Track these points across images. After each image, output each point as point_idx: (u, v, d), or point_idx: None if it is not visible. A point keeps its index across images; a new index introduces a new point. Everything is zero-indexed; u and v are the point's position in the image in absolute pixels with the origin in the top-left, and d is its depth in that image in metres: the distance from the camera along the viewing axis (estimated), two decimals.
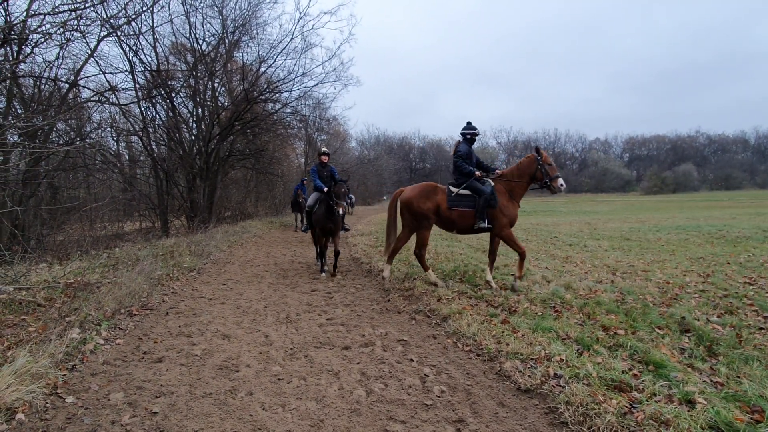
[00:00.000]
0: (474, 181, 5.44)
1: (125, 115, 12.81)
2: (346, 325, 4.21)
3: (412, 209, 5.56)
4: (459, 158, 5.51)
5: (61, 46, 8.47)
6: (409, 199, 5.60)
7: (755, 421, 2.26)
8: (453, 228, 5.62)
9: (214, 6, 13.90)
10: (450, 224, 5.59)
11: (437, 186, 5.70)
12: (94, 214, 10.71)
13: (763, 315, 4.12)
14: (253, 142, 16.86)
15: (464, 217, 5.45)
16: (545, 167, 5.37)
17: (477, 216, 5.36)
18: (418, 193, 5.60)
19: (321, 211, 6.63)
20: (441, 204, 5.51)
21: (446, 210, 5.48)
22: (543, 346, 3.35)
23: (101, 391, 2.84)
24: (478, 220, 5.35)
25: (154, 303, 5.03)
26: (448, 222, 5.56)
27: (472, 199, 5.43)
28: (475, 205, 5.38)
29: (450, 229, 5.67)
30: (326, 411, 2.57)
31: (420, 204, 5.52)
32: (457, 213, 5.46)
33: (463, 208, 5.44)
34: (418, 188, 5.70)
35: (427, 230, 5.66)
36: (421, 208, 5.51)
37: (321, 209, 6.64)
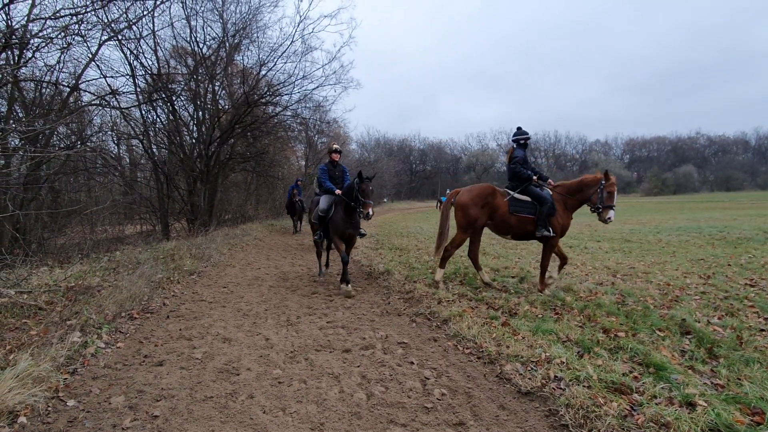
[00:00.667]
0: (535, 188, 5.34)
1: (126, 119, 12.82)
2: (347, 328, 4.21)
3: (467, 213, 5.40)
4: (517, 164, 5.40)
5: (62, 50, 8.50)
6: (466, 203, 5.43)
7: (756, 423, 2.26)
8: (508, 233, 5.48)
9: (214, 10, 13.97)
10: (506, 229, 5.45)
11: (495, 189, 5.54)
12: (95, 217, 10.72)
13: (764, 317, 4.12)
14: (253, 145, 16.89)
15: (523, 224, 5.32)
16: (604, 193, 5.19)
17: (539, 224, 5.22)
18: (476, 197, 5.42)
19: (339, 215, 5.93)
20: (500, 208, 5.36)
21: (505, 214, 5.34)
22: (543, 348, 3.35)
23: (102, 394, 2.85)
24: (540, 228, 5.21)
25: (154, 306, 5.04)
26: (504, 227, 5.43)
27: (532, 205, 5.30)
28: (536, 213, 5.26)
29: (504, 234, 5.53)
30: (327, 414, 2.57)
31: (475, 208, 5.37)
32: (516, 219, 5.32)
33: (524, 214, 5.29)
34: (476, 191, 5.50)
35: (468, 234, 5.54)
36: (475, 213, 5.36)
37: (339, 213, 5.94)
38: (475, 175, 69.24)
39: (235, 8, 14.25)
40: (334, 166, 6.41)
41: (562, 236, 5.41)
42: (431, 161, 73.24)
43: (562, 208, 5.37)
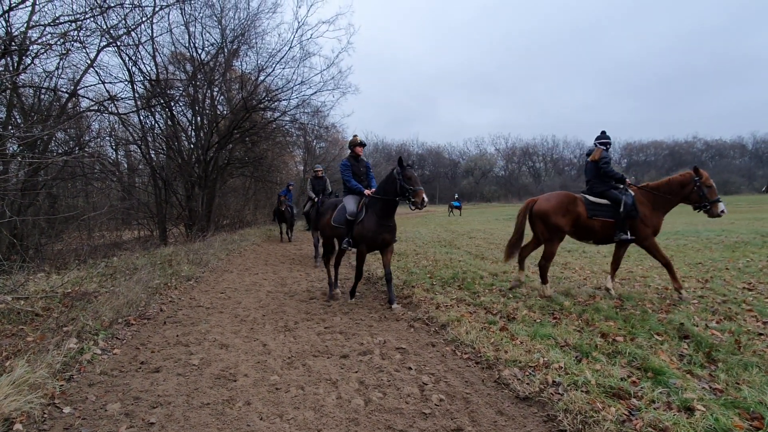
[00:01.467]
0: (613, 191, 5.19)
1: (124, 124, 12.86)
2: (345, 334, 4.20)
3: (548, 222, 5.25)
4: (607, 164, 5.25)
5: (61, 56, 8.54)
6: (546, 212, 5.27)
7: (755, 428, 2.25)
8: (591, 238, 5.35)
9: (213, 16, 14.05)
10: (588, 234, 5.31)
11: (575, 197, 5.36)
12: (93, 223, 10.70)
13: (763, 320, 4.12)
14: (251, 150, 16.91)
15: (605, 227, 5.17)
16: (703, 189, 5.00)
17: (617, 227, 5.10)
18: (556, 206, 5.26)
19: (373, 218, 5.13)
20: (581, 215, 5.21)
21: (586, 220, 5.19)
22: (541, 353, 3.34)
23: (98, 401, 2.83)
24: (618, 232, 5.09)
25: (151, 312, 5.02)
26: (586, 232, 5.29)
27: (611, 208, 5.15)
28: (615, 216, 5.10)
29: (587, 239, 5.40)
30: (324, 420, 2.56)
31: (557, 217, 5.21)
32: (598, 223, 5.16)
33: (605, 217, 5.14)
34: (555, 200, 5.32)
35: (557, 243, 5.41)
36: (558, 222, 5.20)
37: (372, 216, 5.15)
38: (473, 179, 69.36)
39: (233, 14, 14.35)
40: (357, 161, 5.71)
41: (654, 235, 5.21)
42: (429, 166, 73.39)
43: (649, 209, 5.18)
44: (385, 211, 5.14)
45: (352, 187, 5.49)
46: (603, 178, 5.32)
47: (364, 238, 5.15)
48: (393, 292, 5.22)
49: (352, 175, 5.59)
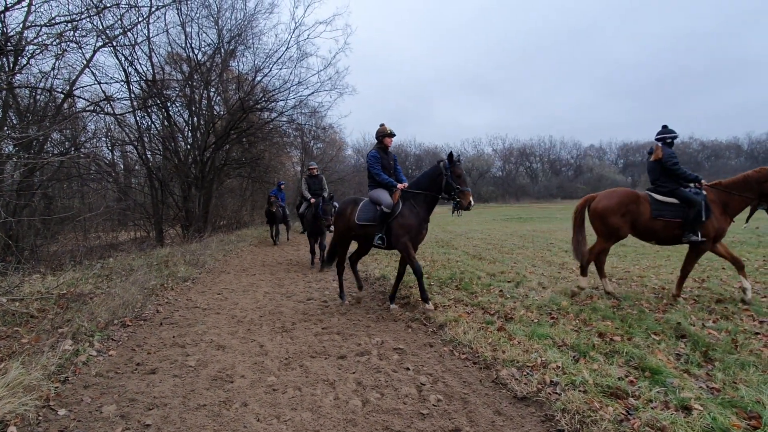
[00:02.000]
0: (683, 189, 4.87)
1: (120, 125, 12.80)
2: (342, 334, 4.18)
3: (606, 221, 5.00)
4: (676, 164, 4.85)
5: (56, 56, 8.49)
6: (604, 210, 5.01)
7: (752, 428, 2.26)
8: (652, 239, 5.07)
9: (209, 16, 14.02)
10: (650, 235, 5.03)
11: (639, 195, 5.05)
12: (88, 223, 10.63)
13: (759, 320, 4.14)
14: (248, 151, 16.88)
15: (668, 228, 4.88)
16: None
17: (686, 228, 4.78)
18: (616, 204, 4.97)
19: (412, 213, 4.79)
20: (642, 214, 4.93)
21: (648, 220, 4.91)
22: (539, 353, 3.34)
23: (94, 403, 2.81)
24: (687, 233, 4.77)
25: (147, 313, 4.99)
26: (648, 232, 5.02)
27: (679, 208, 4.83)
28: (683, 216, 4.80)
29: (648, 239, 5.13)
30: (321, 422, 2.54)
31: (616, 216, 4.95)
32: (661, 223, 4.87)
33: (669, 218, 4.84)
34: (616, 198, 5.02)
35: (613, 242, 5.18)
36: (617, 222, 4.95)
37: (410, 212, 4.79)
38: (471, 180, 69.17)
39: (230, 15, 14.33)
40: (386, 153, 5.28)
41: (717, 241, 4.92)
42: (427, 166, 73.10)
43: (720, 209, 4.87)
44: (426, 207, 4.85)
45: (383, 181, 5.02)
46: (671, 176, 4.95)
47: (409, 229, 4.76)
48: (425, 288, 4.96)
49: (381, 167, 5.13)
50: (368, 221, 5.03)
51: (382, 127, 5.26)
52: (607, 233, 5.07)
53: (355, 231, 5.24)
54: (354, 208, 5.27)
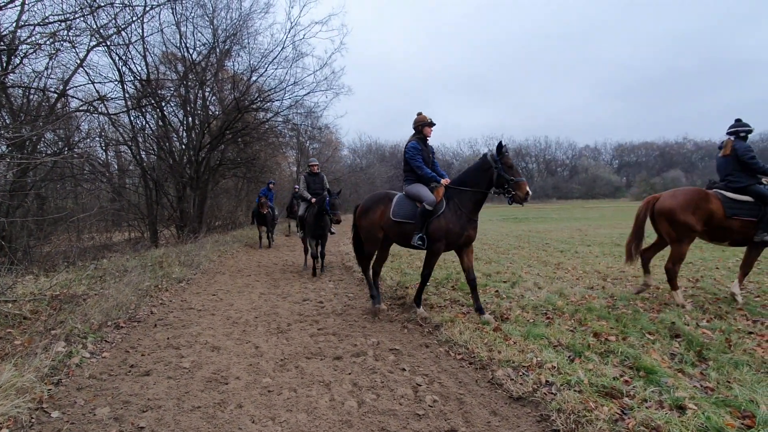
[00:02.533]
0: (758, 185, 4.59)
1: (114, 125, 12.71)
2: (338, 335, 4.17)
3: (675, 220, 4.71)
4: (753, 158, 4.57)
5: (50, 56, 8.42)
6: (672, 209, 4.72)
7: (746, 427, 2.27)
8: (726, 239, 4.77)
9: (204, 16, 13.96)
10: (724, 235, 4.72)
11: (708, 193, 4.75)
12: (82, 224, 10.54)
13: (753, 319, 4.17)
14: (244, 151, 16.81)
15: (744, 227, 4.59)
16: None
17: (761, 227, 4.50)
18: (685, 202, 4.68)
19: (457, 212, 4.45)
20: (716, 213, 4.62)
21: (723, 219, 4.60)
22: (535, 353, 3.35)
23: (87, 405, 2.78)
24: (761, 233, 4.50)
25: (142, 315, 4.96)
26: (722, 233, 4.70)
27: (754, 206, 4.54)
28: (758, 214, 4.51)
29: (721, 240, 4.82)
30: (317, 423, 2.53)
31: (686, 214, 4.64)
32: (738, 222, 4.57)
33: (745, 217, 4.54)
34: (683, 196, 4.74)
35: (687, 244, 4.82)
36: (687, 220, 4.63)
37: (453, 214, 4.44)
38: None
39: (225, 14, 14.27)
40: (425, 145, 4.87)
41: None
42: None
43: None
44: (473, 206, 4.50)
45: (425, 175, 4.63)
46: (747, 172, 4.65)
47: (448, 233, 4.41)
48: (479, 299, 4.58)
49: (423, 160, 4.72)
50: (406, 218, 4.62)
51: (421, 116, 4.81)
52: (679, 234, 4.74)
53: (388, 229, 4.80)
54: (387, 203, 4.85)
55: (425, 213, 4.43)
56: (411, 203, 4.67)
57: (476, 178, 4.51)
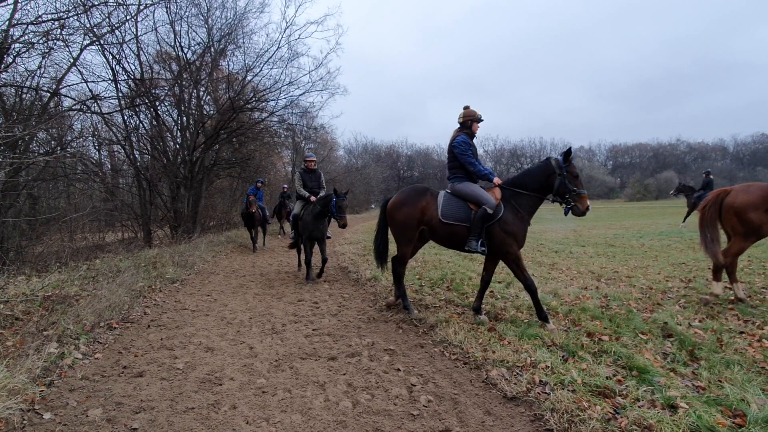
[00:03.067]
0: None
1: (107, 124, 12.62)
2: (333, 336, 4.17)
3: (744, 217, 4.52)
4: None
5: (43, 55, 8.35)
6: (744, 205, 4.48)
7: (737, 426, 2.29)
8: None
9: (199, 15, 13.87)
10: None
11: None
12: (74, 224, 10.46)
13: (744, 319, 4.21)
14: (239, 151, 16.74)
15: None
16: None
17: None
18: (759, 199, 4.44)
19: (518, 219, 4.16)
20: None
21: None
22: (529, 353, 3.36)
23: (79, 407, 2.76)
24: None
25: (135, 316, 4.92)
26: None
27: None
28: None
29: None
30: (311, 423, 2.53)
31: (758, 213, 4.46)
32: None
33: None
34: (757, 192, 4.49)
35: (751, 242, 4.63)
36: (759, 219, 4.47)
37: (515, 217, 4.15)
38: None
39: (220, 14, 14.19)
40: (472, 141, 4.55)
41: None
42: (419, 167, 73.51)
43: None
44: (530, 211, 4.22)
45: (479, 172, 4.27)
46: None
47: (517, 239, 4.13)
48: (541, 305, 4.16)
49: (473, 154, 4.37)
50: (459, 221, 4.23)
51: (470, 110, 4.45)
52: (746, 231, 4.52)
53: (432, 228, 4.38)
54: (430, 199, 4.42)
55: (486, 217, 4.07)
56: (462, 203, 4.29)
57: (536, 181, 4.20)
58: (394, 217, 4.63)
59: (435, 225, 4.37)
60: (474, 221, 4.13)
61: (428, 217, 4.41)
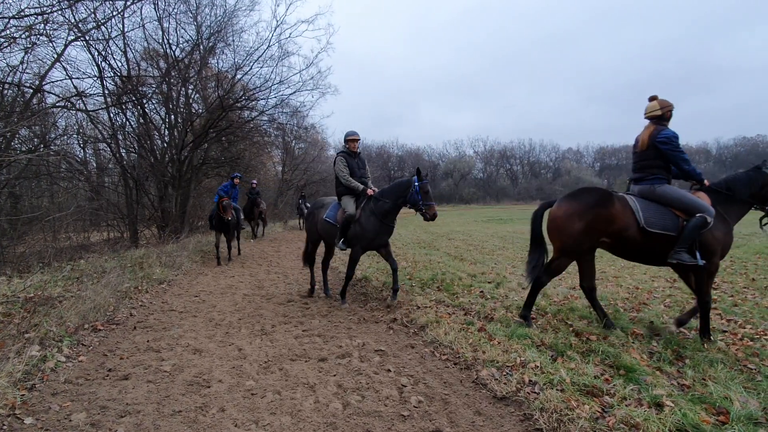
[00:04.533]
0: None
1: (93, 122, 12.36)
2: (323, 336, 4.14)
3: None
4: None
5: (26, 50, 8.15)
6: None
7: (720, 423, 2.34)
8: None
9: (188, 12, 13.68)
10: None
11: None
12: (58, 224, 10.22)
13: (726, 318, 4.30)
14: (228, 150, 16.56)
15: None
16: None
17: None
18: None
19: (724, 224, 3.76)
20: None
21: None
22: (518, 353, 3.38)
23: (62, 411, 2.69)
24: None
25: (120, 317, 4.83)
26: None
27: None
28: None
29: None
30: (301, 425, 2.51)
31: None
32: None
33: None
34: None
35: None
36: None
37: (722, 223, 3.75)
38: (452, 181, 70.07)
39: (209, 11, 14.01)
40: None
41: None
42: (409, 168, 73.57)
43: None
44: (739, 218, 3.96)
45: (695, 171, 3.97)
46: None
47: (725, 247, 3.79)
48: None
49: None
50: (666, 230, 3.66)
51: (665, 100, 4.09)
52: None
53: (626, 239, 3.75)
54: (624, 205, 3.79)
55: (701, 225, 3.57)
56: (667, 210, 3.75)
57: (746, 188, 3.87)
58: (564, 230, 3.93)
59: (632, 235, 3.72)
60: (688, 230, 3.58)
61: (620, 226, 3.74)
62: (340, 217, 5.33)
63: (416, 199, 4.97)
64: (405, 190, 5.06)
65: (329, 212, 5.54)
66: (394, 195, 5.10)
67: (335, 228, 5.36)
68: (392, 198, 5.10)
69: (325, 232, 5.60)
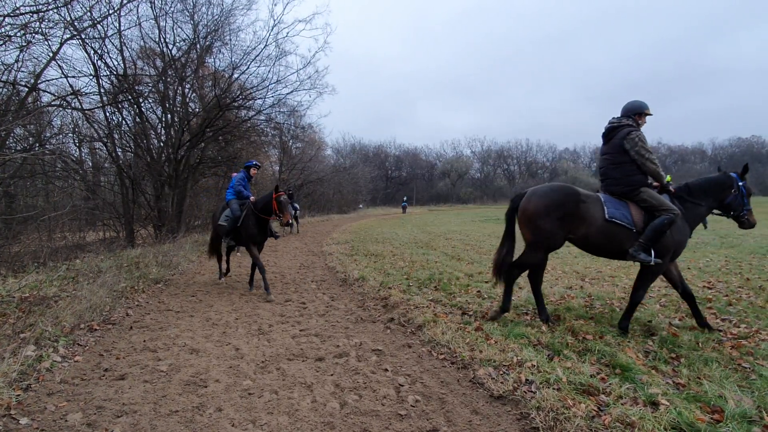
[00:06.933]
0: None
1: (89, 121, 12.29)
2: (320, 336, 4.14)
3: None
4: None
5: (21, 48, 8.08)
6: None
7: (715, 421, 2.35)
8: None
9: (185, 10, 13.65)
10: None
11: None
12: (53, 223, 10.16)
13: (721, 317, 4.33)
14: (225, 150, 16.52)
15: None
16: None
17: None
18: None
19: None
20: None
21: None
22: (515, 352, 3.39)
23: (58, 411, 2.68)
24: None
25: (117, 317, 4.81)
26: None
27: None
28: None
29: None
30: (299, 425, 2.51)
31: None
32: None
33: None
34: None
35: None
36: None
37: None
38: (450, 181, 70.10)
39: (206, 10, 13.98)
40: None
41: None
42: (407, 167, 73.60)
43: None
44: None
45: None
46: None
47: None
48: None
49: None
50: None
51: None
52: None
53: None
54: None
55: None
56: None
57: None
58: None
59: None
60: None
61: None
62: None
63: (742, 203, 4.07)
64: (726, 191, 4.09)
65: None
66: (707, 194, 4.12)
67: None
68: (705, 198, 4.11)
69: None
